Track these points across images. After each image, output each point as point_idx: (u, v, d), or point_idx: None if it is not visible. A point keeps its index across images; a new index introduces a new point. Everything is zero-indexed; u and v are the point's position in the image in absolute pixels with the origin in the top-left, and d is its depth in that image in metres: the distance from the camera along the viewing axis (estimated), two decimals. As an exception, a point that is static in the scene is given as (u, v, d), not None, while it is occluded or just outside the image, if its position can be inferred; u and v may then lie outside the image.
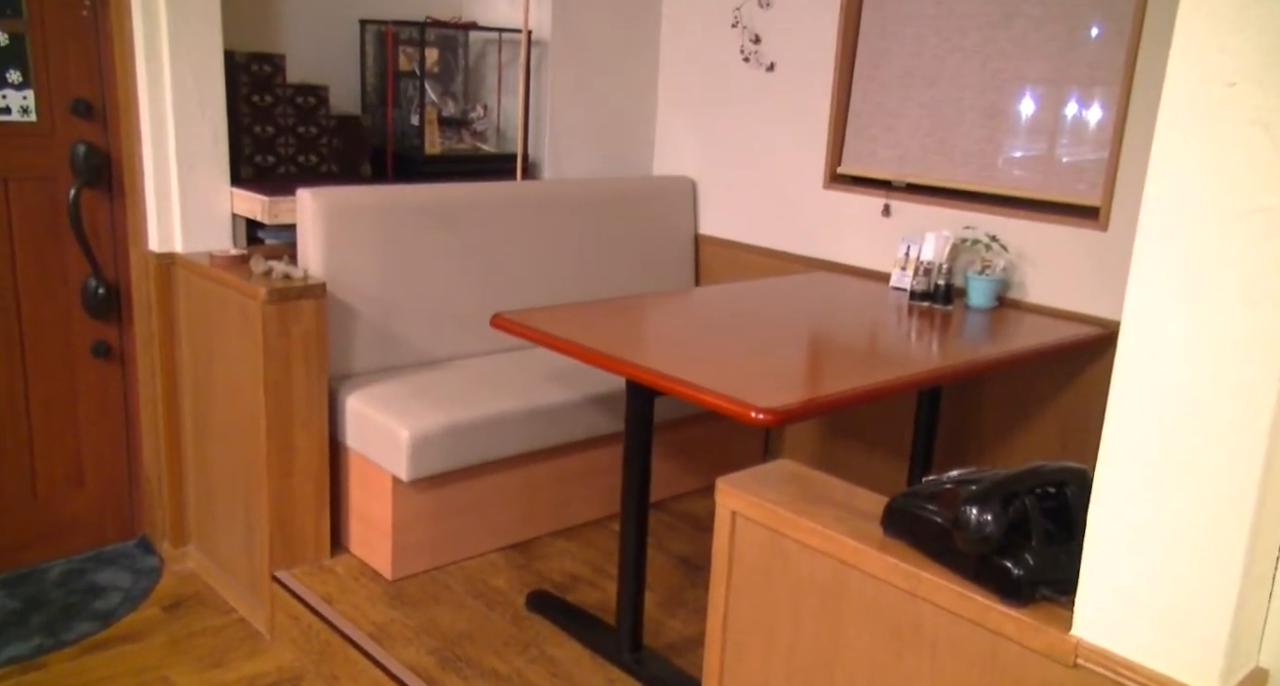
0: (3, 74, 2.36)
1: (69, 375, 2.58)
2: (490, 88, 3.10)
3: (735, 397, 1.64)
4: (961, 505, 0.97)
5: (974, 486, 0.98)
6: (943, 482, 1.06)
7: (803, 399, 1.69)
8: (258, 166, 2.65)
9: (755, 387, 1.70)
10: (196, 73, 2.43)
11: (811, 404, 1.70)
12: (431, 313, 2.65)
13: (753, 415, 1.61)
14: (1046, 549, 0.94)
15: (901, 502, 1.09)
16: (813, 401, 1.70)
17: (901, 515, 1.08)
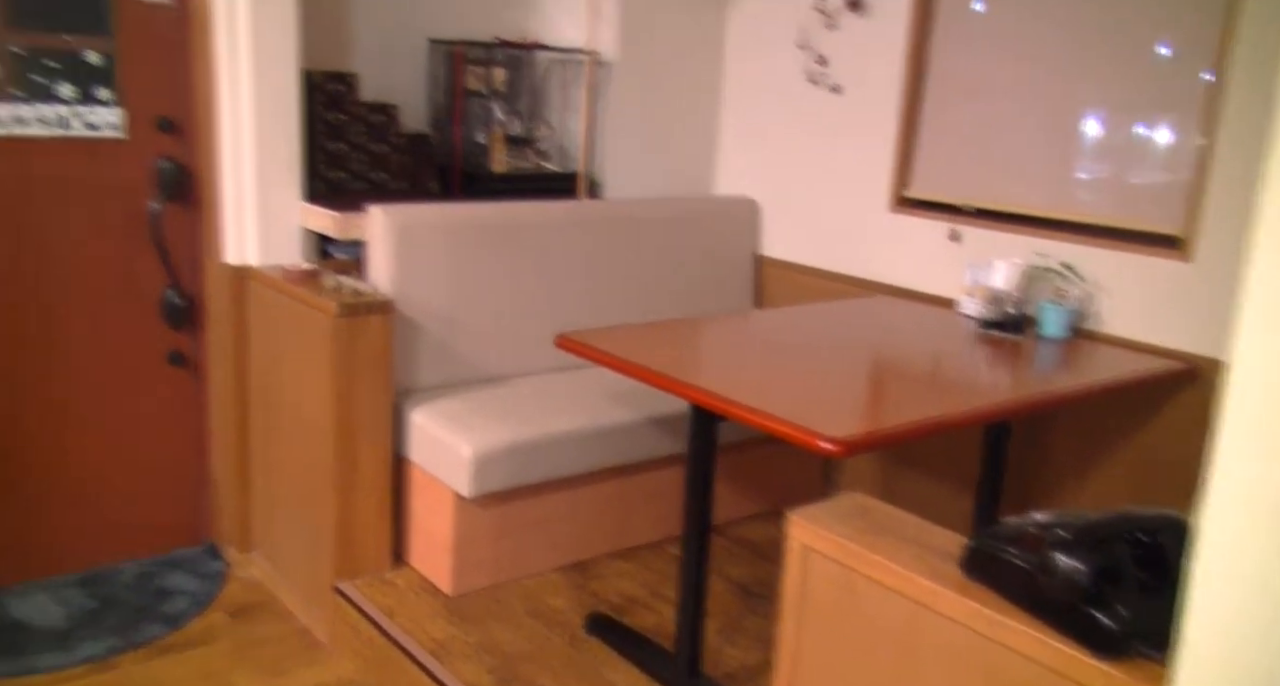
0: (94, 92, 2.44)
1: (146, 382, 2.64)
2: (555, 107, 3.13)
3: (803, 426, 1.63)
4: (1049, 550, 0.95)
5: (1062, 531, 0.97)
6: (1026, 525, 1.04)
7: (870, 429, 1.68)
8: (329, 182, 2.70)
9: (821, 415, 1.70)
10: (274, 92, 2.49)
11: (880, 435, 1.69)
12: (494, 329, 2.68)
13: (820, 445, 1.60)
14: (1140, 600, 0.93)
15: (983, 544, 1.08)
16: (881, 433, 1.69)
17: (983, 557, 1.07)
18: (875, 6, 2.71)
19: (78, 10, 2.39)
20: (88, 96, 2.44)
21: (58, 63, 2.39)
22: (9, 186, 2.37)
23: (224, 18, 2.44)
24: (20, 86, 2.35)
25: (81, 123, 2.44)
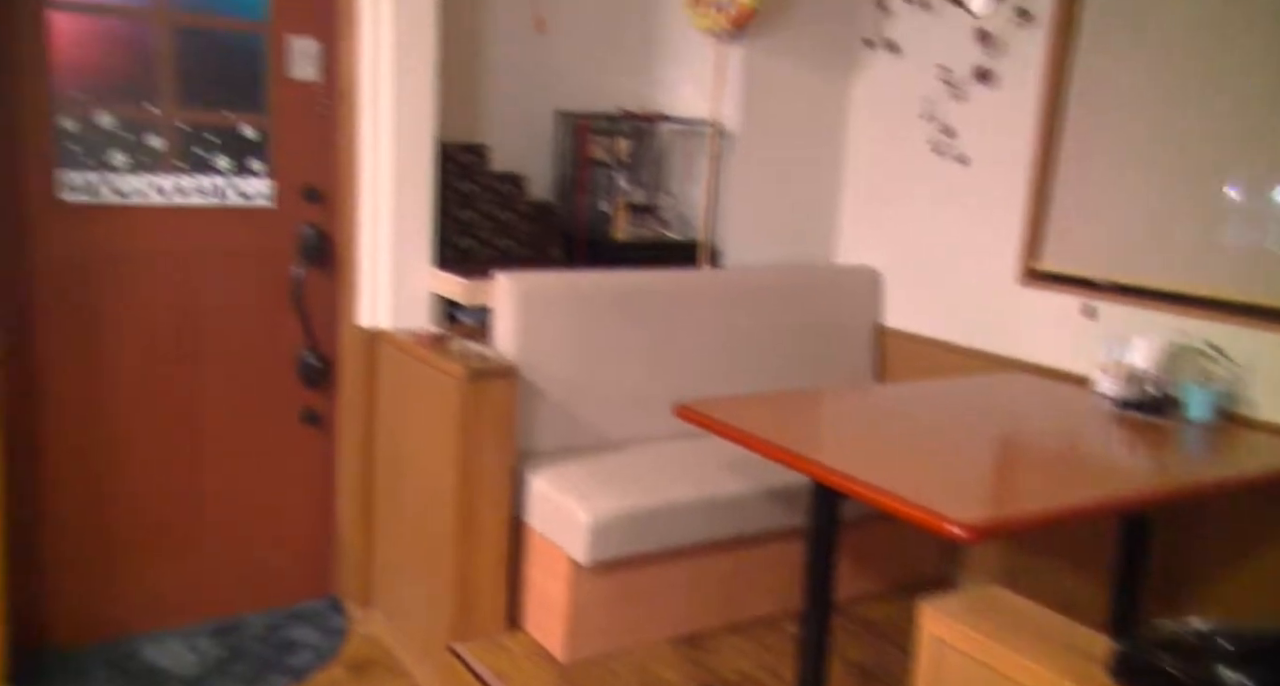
0: (248, 164, 2.60)
1: (280, 438, 2.76)
2: (677, 176, 3.18)
3: (931, 509, 1.59)
4: (1212, 662, 0.90)
5: (1225, 642, 0.91)
6: (1183, 632, 0.99)
7: (1001, 514, 1.62)
8: (458, 249, 2.80)
9: (948, 497, 1.65)
10: (411, 163, 2.60)
11: (1012, 522, 1.63)
12: (614, 395, 2.71)
13: (950, 530, 1.55)
14: (1315, 726, 0.86)
15: (1135, 650, 1.02)
16: (1013, 519, 1.63)
17: (1135, 664, 1.02)
18: (1005, 77, 2.69)
19: (238, 89, 2.56)
20: (242, 168, 2.60)
21: (217, 137, 2.56)
22: (171, 251, 2.53)
23: (368, 93, 2.58)
24: (184, 159, 2.52)
25: (235, 192, 2.60)
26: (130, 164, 2.46)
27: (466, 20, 2.89)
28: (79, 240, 2.42)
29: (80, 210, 2.41)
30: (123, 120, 2.44)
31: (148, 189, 2.49)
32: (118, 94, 2.43)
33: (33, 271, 2.37)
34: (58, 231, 2.39)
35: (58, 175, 2.37)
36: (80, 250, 2.42)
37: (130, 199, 2.47)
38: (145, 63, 2.44)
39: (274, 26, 2.56)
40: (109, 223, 2.45)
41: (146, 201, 2.49)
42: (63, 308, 2.42)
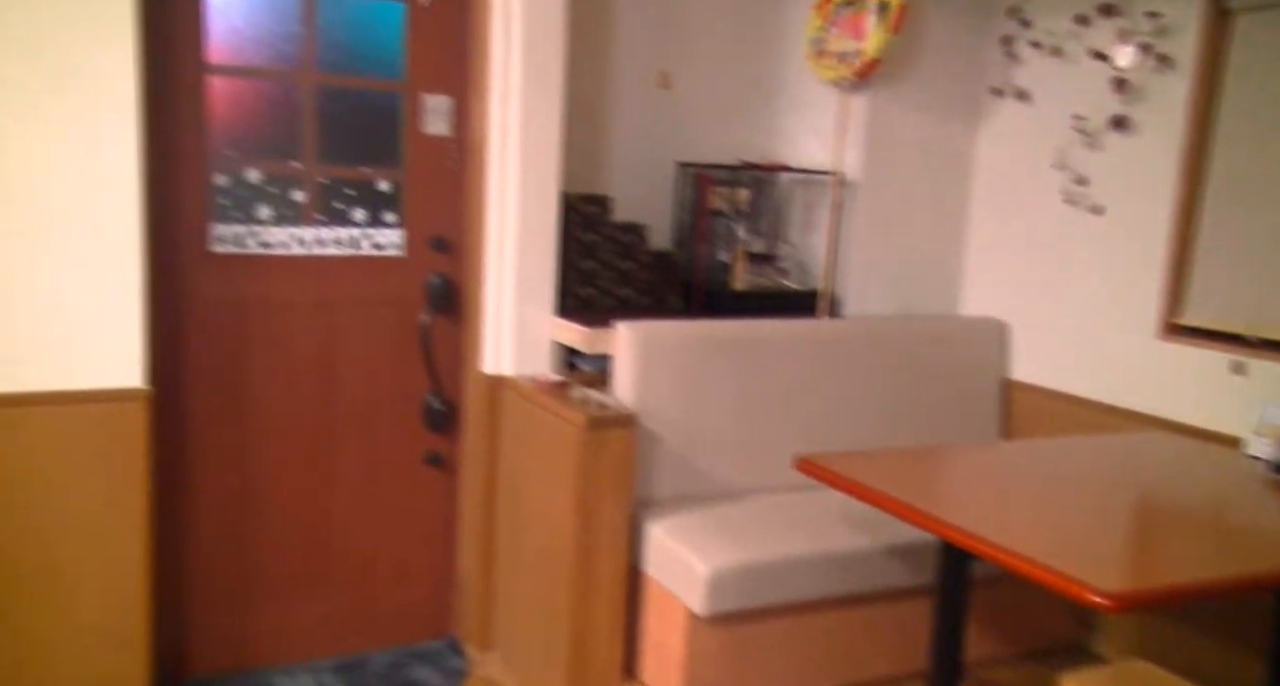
0: (382, 216, 2.71)
1: (405, 481, 2.84)
2: (796, 225, 3.17)
3: (1072, 576, 1.52)
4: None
5: None
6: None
7: (1146, 585, 1.54)
8: (579, 298, 2.85)
9: (1087, 563, 1.57)
10: (536, 214, 2.67)
11: (1157, 593, 1.54)
12: (733, 444, 2.69)
13: (1092, 599, 1.48)
14: None
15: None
16: (1159, 590, 1.54)
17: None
18: (1144, 124, 2.60)
19: (375, 145, 2.68)
20: (376, 220, 2.71)
21: (354, 191, 2.68)
22: (309, 299, 2.65)
23: (496, 147, 2.66)
24: (323, 212, 2.65)
25: (370, 243, 2.71)
26: (274, 217, 2.59)
27: (592, 77, 2.97)
28: (226, 289, 2.56)
29: (228, 260, 2.55)
30: (269, 176, 2.58)
31: (290, 240, 2.62)
32: (265, 151, 2.57)
33: (184, 318, 2.52)
34: (207, 281, 2.53)
35: (210, 228, 2.52)
36: (227, 298, 2.56)
37: (273, 250, 2.60)
38: (291, 122, 2.59)
39: (410, 85, 2.68)
40: (253, 272, 2.58)
41: (288, 252, 2.62)
42: (210, 352, 2.56)
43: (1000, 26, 2.98)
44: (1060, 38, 2.80)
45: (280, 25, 2.53)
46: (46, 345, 2.18)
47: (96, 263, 2.21)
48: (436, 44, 2.69)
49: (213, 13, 2.44)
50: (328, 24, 2.58)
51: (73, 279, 2.19)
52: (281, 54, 2.55)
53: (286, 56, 2.55)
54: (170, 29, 2.39)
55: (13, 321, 2.15)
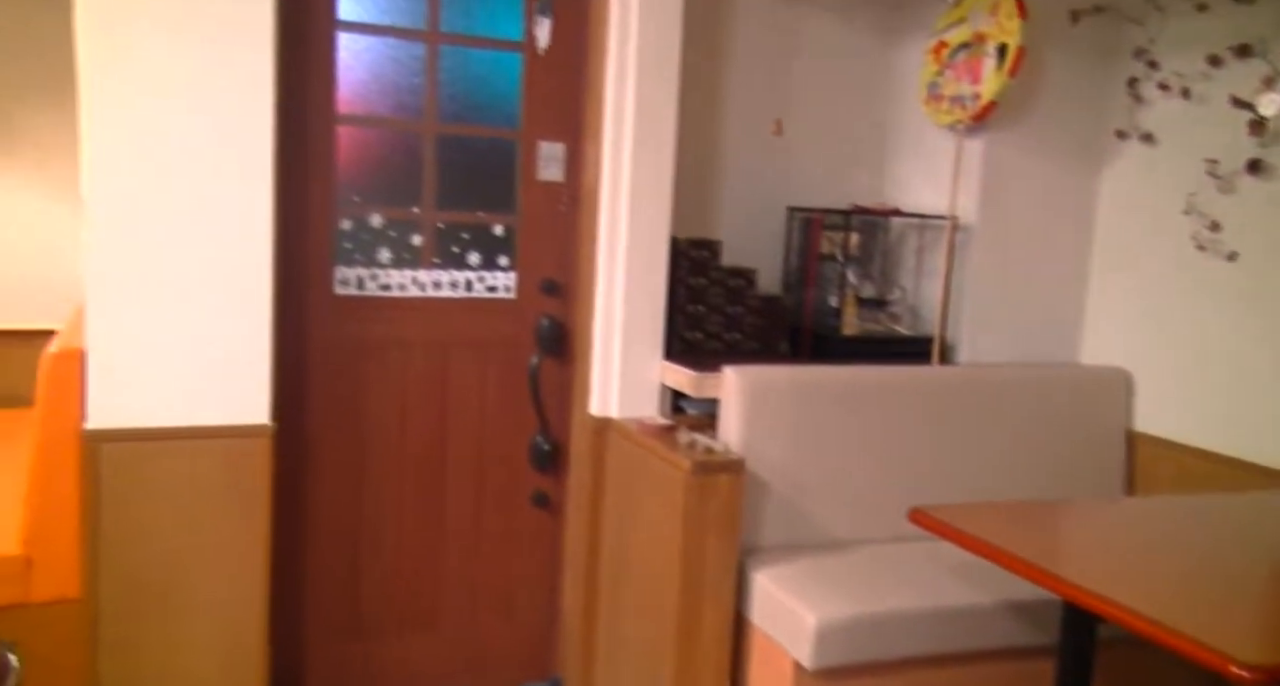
0: (497, 259, 2.78)
1: (511, 520, 2.87)
2: (908, 270, 3.12)
3: (1210, 645, 1.43)
4: None
5: None
6: None
7: (1297, 656, 1.44)
8: (687, 342, 2.85)
9: (1222, 630, 1.49)
10: (646, 259, 2.69)
11: (1312, 666, 1.44)
12: (841, 492, 2.64)
13: (1235, 672, 1.39)
14: None
15: None
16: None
17: None
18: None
19: (491, 191, 2.76)
20: (490, 263, 2.78)
21: (470, 235, 2.75)
22: (423, 340, 2.73)
23: (608, 192, 2.70)
24: (440, 255, 2.73)
25: (483, 286, 2.78)
26: (394, 260, 2.69)
27: (704, 124, 3.00)
28: (346, 329, 2.65)
29: (349, 302, 2.65)
30: (390, 221, 2.68)
31: (408, 282, 2.70)
32: (387, 197, 2.67)
33: (307, 357, 2.61)
34: (330, 321, 2.63)
35: (334, 271, 2.62)
36: (347, 338, 2.65)
37: (392, 292, 2.69)
38: (413, 169, 2.68)
39: (525, 133, 2.75)
40: (372, 313, 2.67)
41: (405, 294, 2.70)
42: (330, 390, 2.65)
43: (1125, 68, 2.90)
44: (1190, 79, 2.70)
45: (404, 77, 2.64)
46: (185, 384, 2.29)
47: (231, 306, 2.32)
48: (552, 92, 2.76)
49: (343, 66, 2.56)
50: (448, 75, 2.68)
51: (210, 322, 2.30)
52: (405, 104, 2.65)
53: (409, 107, 2.66)
54: (304, 81, 2.51)
55: (159, 362, 2.27)
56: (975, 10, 2.76)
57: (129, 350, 2.24)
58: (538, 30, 2.72)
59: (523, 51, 2.72)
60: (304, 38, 2.50)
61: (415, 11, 2.62)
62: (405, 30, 2.62)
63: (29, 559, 2.20)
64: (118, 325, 2.23)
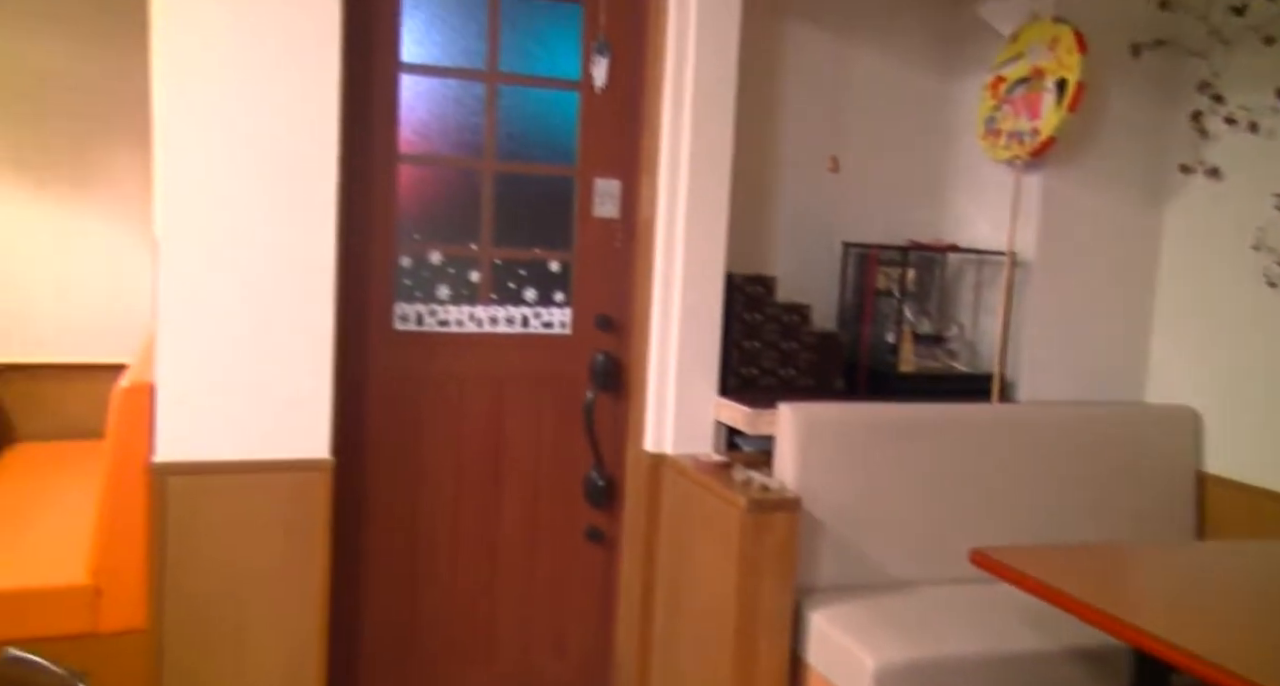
0: (552, 295, 2.81)
1: (565, 554, 2.87)
2: (965, 306, 3.09)
3: (1291, 699, 1.38)
4: None
5: None
6: None
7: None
8: (741, 378, 2.84)
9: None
10: (701, 294, 2.70)
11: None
12: (899, 532, 2.60)
13: (1319, 727, 1.34)
14: None
15: None
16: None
17: None
18: (1351, 202, 2.43)
19: (548, 228, 2.79)
20: (546, 299, 2.81)
21: (526, 271, 2.79)
22: (479, 375, 2.75)
23: (663, 228, 2.72)
24: (497, 292, 2.76)
25: (539, 322, 2.80)
26: (452, 296, 2.72)
27: (759, 159, 3.01)
28: (404, 364, 2.68)
29: (407, 337, 2.68)
30: (449, 257, 2.72)
31: (466, 319, 2.74)
32: (446, 234, 2.71)
33: (365, 391, 2.65)
34: (388, 356, 2.67)
35: (393, 307, 2.66)
36: (404, 373, 2.69)
37: (449, 327, 2.72)
38: (471, 206, 2.73)
39: (582, 170, 2.79)
40: (430, 349, 2.70)
41: (462, 330, 2.73)
42: (387, 424, 2.68)
43: (1189, 101, 2.85)
44: (1258, 113, 2.65)
45: (464, 116, 2.69)
46: (250, 418, 2.34)
47: (295, 342, 2.36)
48: (608, 129, 2.79)
49: (404, 106, 2.62)
50: (507, 114, 2.73)
51: (274, 358, 2.35)
52: (464, 143, 2.70)
53: (468, 145, 2.70)
54: (367, 122, 2.58)
55: (225, 397, 2.32)
56: (1033, 45, 2.74)
57: (196, 385, 2.29)
58: (595, 69, 2.76)
59: (580, 90, 2.76)
60: (368, 80, 2.56)
61: (475, 52, 2.68)
62: (466, 71, 2.67)
63: (98, 589, 2.25)
64: (186, 360, 2.29)
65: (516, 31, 2.71)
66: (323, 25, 2.31)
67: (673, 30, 2.63)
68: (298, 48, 2.30)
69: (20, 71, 3.57)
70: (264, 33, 2.27)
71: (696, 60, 2.61)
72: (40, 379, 3.61)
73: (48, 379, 3.61)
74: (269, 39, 2.27)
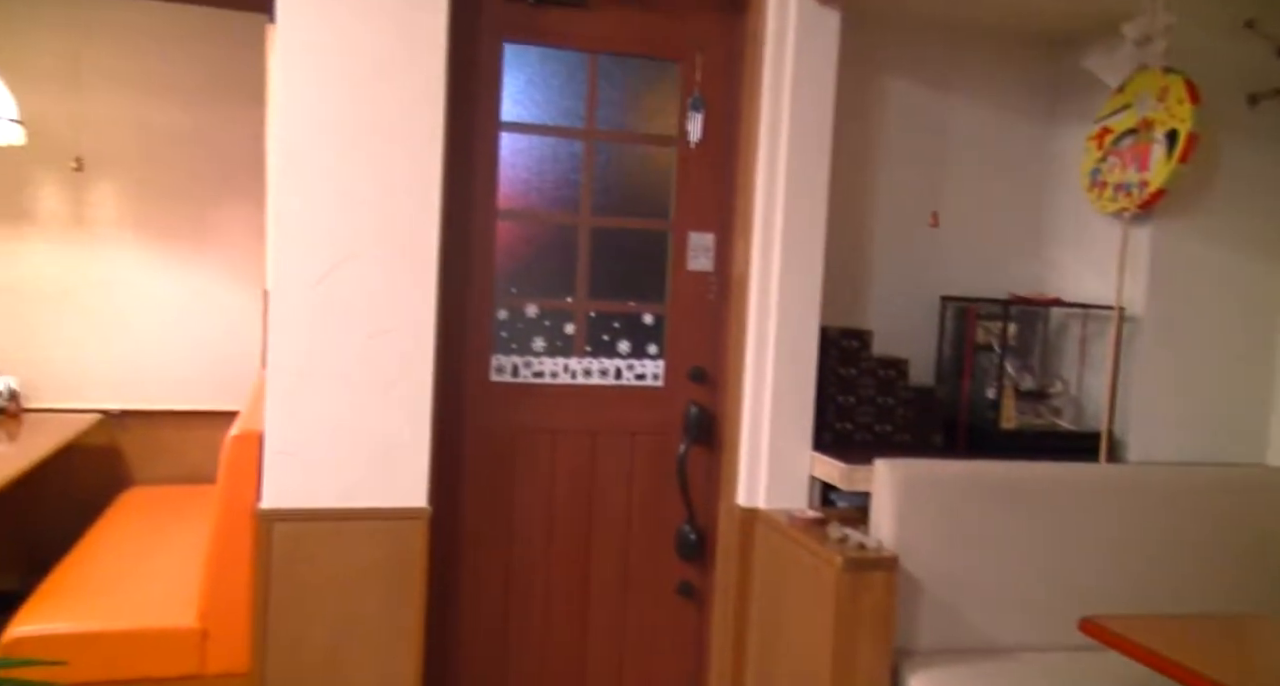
0: (646, 347, 2.83)
1: (656, 609, 2.85)
2: (1070, 362, 3.00)
3: None
4: None
5: None
6: None
7: None
8: (836, 432, 2.80)
9: None
10: (795, 349, 2.68)
11: None
12: (1000, 595, 2.51)
13: None
14: None
15: None
16: None
17: None
18: None
19: (642, 281, 2.82)
20: (639, 351, 2.82)
21: (620, 324, 2.81)
22: (573, 427, 2.78)
23: (757, 282, 2.72)
24: (591, 344, 2.79)
25: (632, 374, 2.82)
26: (547, 348, 2.76)
27: (854, 212, 3.00)
28: (500, 415, 2.72)
29: (503, 389, 2.73)
30: (544, 310, 2.76)
31: (560, 371, 2.77)
32: (542, 287, 2.76)
33: (462, 441, 2.70)
34: (484, 407, 2.71)
35: (490, 359, 2.71)
36: (500, 424, 2.73)
37: (544, 379, 2.76)
38: (567, 260, 2.77)
39: (676, 224, 2.81)
40: (525, 400, 2.74)
41: (557, 381, 2.77)
42: (481, 474, 2.72)
43: (1308, 150, 2.75)
44: (1383, 161, 2.54)
45: (561, 173, 2.75)
46: (352, 467, 2.40)
47: (396, 394, 2.43)
48: (703, 184, 2.82)
49: (504, 163, 2.69)
50: (602, 169, 2.78)
51: (376, 408, 2.42)
52: (561, 198, 2.76)
53: (565, 200, 2.76)
54: (469, 179, 2.65)
55: (329, 446, 2.39)
56: (1142, 96, 2.68)
57: (302, 434, 2.37)
58: (690, 124, 2.80)
59: (675, 145, 2.80)
60: (469, 139, 2.65)
61: (573, 110, 2.74)
62: (564, 129, 2.74)
63: (205, 632, 2.32)
64: (293, 410, 2.36)
65: (614, 89, 2.77)
66: (429, 90, 2.40)
67: (768, 85, 2.66)
68: (405, 112, 2.39)
69: (145, 137, 3.80)
70: (373, 97, 2.37)
71: (792, 115, 2.63)
72: (157, 425, 3.78)
73: (164, 425, 3.78)
74: (377, 103, 2.37)
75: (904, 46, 3.03)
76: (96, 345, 3.80)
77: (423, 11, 2.38)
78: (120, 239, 3.81)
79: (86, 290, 3.79)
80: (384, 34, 2.36)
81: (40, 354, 3.76)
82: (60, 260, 3.77)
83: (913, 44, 3.04)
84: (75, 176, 3.76)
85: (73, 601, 2.49)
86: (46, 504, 3.72)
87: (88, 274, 3.79)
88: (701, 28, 2.78)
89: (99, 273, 3.80)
